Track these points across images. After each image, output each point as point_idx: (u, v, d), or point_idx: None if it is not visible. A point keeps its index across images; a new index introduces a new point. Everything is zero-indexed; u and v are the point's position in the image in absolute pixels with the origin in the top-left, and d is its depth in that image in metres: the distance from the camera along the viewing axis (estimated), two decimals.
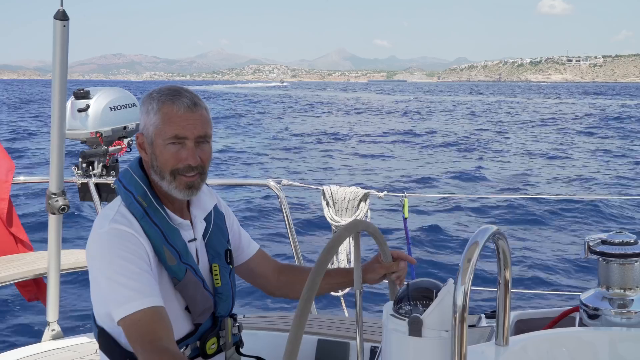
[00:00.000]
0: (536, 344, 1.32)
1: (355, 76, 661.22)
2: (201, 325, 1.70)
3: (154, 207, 1.61)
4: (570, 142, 22.48)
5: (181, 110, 1.59)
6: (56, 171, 2.81)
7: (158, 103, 1.61)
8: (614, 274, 1.48)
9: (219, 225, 1.80)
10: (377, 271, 1.77)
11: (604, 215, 9.81)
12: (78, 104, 3.29)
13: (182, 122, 1.59)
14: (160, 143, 1.60)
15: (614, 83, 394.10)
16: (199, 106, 1.62)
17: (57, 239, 2.95)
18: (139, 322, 1.47)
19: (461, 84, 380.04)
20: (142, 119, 1.64)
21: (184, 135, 1.59)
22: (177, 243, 1.62)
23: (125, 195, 1.62)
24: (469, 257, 1.04)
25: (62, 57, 2.57)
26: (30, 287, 3.37)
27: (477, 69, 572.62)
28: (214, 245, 1.76)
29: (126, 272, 1.50)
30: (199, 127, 1.61)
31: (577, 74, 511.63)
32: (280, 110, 42.87)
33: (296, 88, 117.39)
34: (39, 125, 28.12)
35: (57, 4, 2.49)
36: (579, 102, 64.33)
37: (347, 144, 22.51)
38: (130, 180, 1.64)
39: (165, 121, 1.59)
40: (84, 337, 3.03)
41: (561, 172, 15.19)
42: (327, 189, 3.68)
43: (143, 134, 1.64)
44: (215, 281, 1.73)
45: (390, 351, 1.18)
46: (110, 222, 1.57)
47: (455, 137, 24.08)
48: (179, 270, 1.61)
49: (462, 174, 14.90)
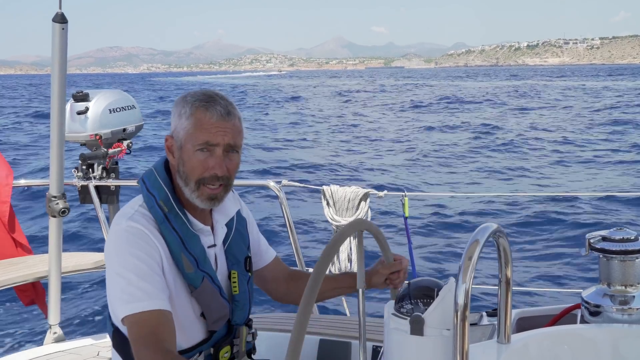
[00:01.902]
0: (538, 342, 1.32)
1: (353, 64, 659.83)
2: (216, 333, 1.68)
3: (175, 212, 1.60)
4: (574, 137, 22.41)
5: (214, 118, 1.57)
6: (56, 174, 2.82)
7: (192, 108, 1.59)
8: (615, 271, 1.48)
9: (241, 232, 1.79)
10: (380, 272, 1.76)
11: (605, 212, 9.81)
12: (77, 107, 3.29)
13: (213, 129, 1.57)
14: (189, 148, 1.58)
15: (612, 65, 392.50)
16: (232, 115, 1.61)
17: (58, 242, 2.95)
18: (144, 323, 1.46)
19: (458, 69, 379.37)
20: (174, 122, 1.63)
21: (214, 142, 1.57)
22: (196, 250, 1.61)
23: (148, 198, 1.61)
24: (470, 255, 1.04)
25: (61, 60, 2.57)
26: (28, 292, 3.37)
27: (475, 54, 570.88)
28: (234, 252, 1.75)
29: (137, 271, 1.49)
30: (230, 136, 1.59)
31: (574, 56, 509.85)
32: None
33: (290, 77, 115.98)
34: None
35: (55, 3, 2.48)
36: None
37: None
38: (154, 183, 1.63)
39: (197, 127, 1.57)
40: (86, 339, 3.03)
41: (564, 170, 15.20)
42: (327, 188, 3.68)
43: (173, 136, 1.63)
44: (233, 289, 1.72)
45: (392, 350, 1.18)
46: (127, 220, 1.56)
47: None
48: (195, 278, 1.60)
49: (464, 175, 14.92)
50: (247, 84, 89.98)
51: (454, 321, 1.01)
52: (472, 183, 13.40)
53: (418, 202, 10.48)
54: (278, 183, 3.40)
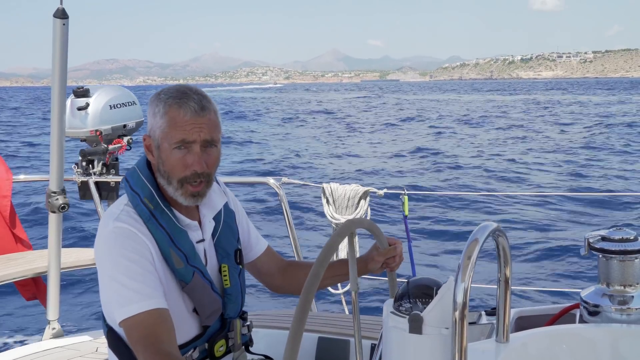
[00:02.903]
0: (536, 341, 1.32)
1: (349, 77, 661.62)
2: (209, 327, 1.68)
3: (161, 209, 1.59)
4: (574, 138, 22.44)
5: (188, 115, 1.55)
6: (56, 169, 2.81)
7: (165, 106, 1.57)
8: (614, 271, 1.48)
9: (229, 224, 1.77)
10: (376, 259, 1.75)
11: (604, 212, 9.81)
12: (78, 102, 3.29)
13: (188, 126, 1.55)
14: (166, 147, 1.57)
15: (605, 78, 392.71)
16: (206, 109, 1.58)
17: (58, 238, 2.95)
18: (140, 324, 1.45)
19: (453, 82, 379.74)
20: (149, 121, 1.61)
21: (190, 139, 1.55)
22: (184, 245, 1.60)
23: (132, 196, 1.60)
24: (469, 254, 1.04)
25: (62, 56, 2.57)
26: (29, 287, 3.37)
27: (469, 67, 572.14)
28: (224, 246, 1.74)
29: (129, 273, 1.48)
30: (206, 131, 1.57)
31: (567, 70, 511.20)
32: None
33: (282, 92, 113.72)
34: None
35: (55, 4, 2.48)
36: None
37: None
38: (137, 181, 1.62)
39: (172, 125, 1.55)
40: (85, 335, 3.03)
41: (563, 168, 15.20)
42: (327, 186, 3.68)
43: (150, 136, 1.61)
44: (225, 282, 1.71)
45: (391, 348, 1.18)
46: (114, 221, 1.55)
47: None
48: (186, 273, 1.59)
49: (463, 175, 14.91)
50: (264, 97, 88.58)
51: (453, 320, 1.01)
52: (472, 182, 13.41)
53: (418, 201, 10.49)
54: (278, 180, 3.40)
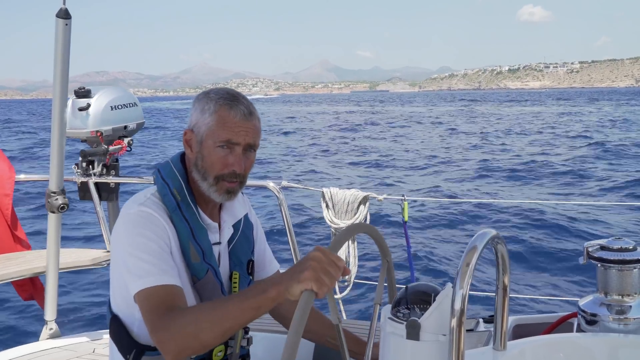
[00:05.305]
0: (534, 349, 1.32)
1: (339, 87, 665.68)
2: None
3: (187, 203, 1.63)
4: (566, 145, 22.46)
5: (237, 117, 1.60)
6: (56, 170, 2.81)
7: (216, 105, 1.61)
8: (613, 280, 1.48)
9: (247, 235, 1.81)
10: None
11: (603, 221, 9.80)
12: (79, 103, 3.30)
13: (236, 128, 1.60)
14: (210, 144, 1.61)
15: (591, 88, 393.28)
16: (253, 115, 1.64)
17: (57, 238, 2.94)
18: (155, 295, 1.46)
19: (441, 92, 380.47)
20: (195, 117, 1.65)
21: (236, 141, 1.60)
22: (203, 241, 1.63)
23: (162, 186, 1.64)
24: (468, 261, 1.04)
25: (64, 56, 2.57)
26: (26, 287, 3.37)
27: (458, 78, 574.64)
28: (238, 253, 1.76)
29: (148, 250, 1.51)
30: (251, 135, 1.62)
31: (554, 80, 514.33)
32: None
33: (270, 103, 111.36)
34: None
35: (57, 6, 2.48)
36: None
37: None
38: (169, 173, 1.66)
39: (220, 124, 1.60)
40: (82, 336, 3.02)
41: (560, 177, 15.20)
42: (326, 191, 3.68)
43: (193, 131, 1.65)
44: (234, 288, 1.72)
45: (388, 354, 1.18)
46: (139, 205, 1.58)
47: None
48: (200, 269, 1.62)
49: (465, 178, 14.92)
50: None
51: (451, 327, 1.01)
52: (471, 189, 13.41)
53: (418, 207, 10.49)
54: (277, 184, 3.40)
